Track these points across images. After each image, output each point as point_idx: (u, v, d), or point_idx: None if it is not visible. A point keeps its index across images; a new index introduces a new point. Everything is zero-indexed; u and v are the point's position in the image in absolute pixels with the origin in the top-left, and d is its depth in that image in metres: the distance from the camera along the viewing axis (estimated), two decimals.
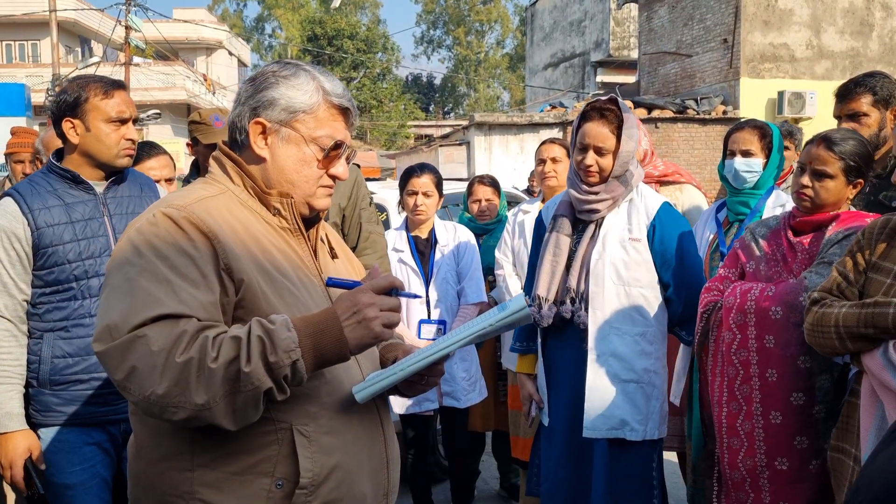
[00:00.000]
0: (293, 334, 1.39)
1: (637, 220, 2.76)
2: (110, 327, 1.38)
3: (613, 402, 2.71)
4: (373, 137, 36.40)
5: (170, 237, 1.43)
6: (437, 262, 3.72)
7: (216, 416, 1.36)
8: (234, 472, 1.45)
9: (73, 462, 2.35)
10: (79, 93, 2.39)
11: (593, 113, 2.73)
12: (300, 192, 1.60)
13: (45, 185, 2.40)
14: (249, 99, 1.58)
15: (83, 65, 22.68)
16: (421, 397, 3.56)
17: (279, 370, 1.37)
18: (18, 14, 24.64)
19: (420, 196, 3.70)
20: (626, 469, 2.75)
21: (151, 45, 26.78)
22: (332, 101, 1.59)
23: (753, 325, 2.48)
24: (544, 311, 2.78)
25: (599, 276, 2.72)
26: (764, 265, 2.61)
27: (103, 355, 1.38)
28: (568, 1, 25.50)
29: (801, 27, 14.77)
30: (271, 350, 1.36)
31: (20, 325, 2.36)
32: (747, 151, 3.08)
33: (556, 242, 2.81)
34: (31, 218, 2.32)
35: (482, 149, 15.05)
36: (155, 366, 1.34)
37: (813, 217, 2.55)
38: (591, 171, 2.72)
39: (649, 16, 17.26)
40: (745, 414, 2.50)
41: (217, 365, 1.34)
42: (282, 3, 50.28)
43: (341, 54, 36.24)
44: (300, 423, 1.47)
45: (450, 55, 53.97)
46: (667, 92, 16.48)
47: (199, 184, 1.61)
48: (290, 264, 1.56)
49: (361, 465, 1.56)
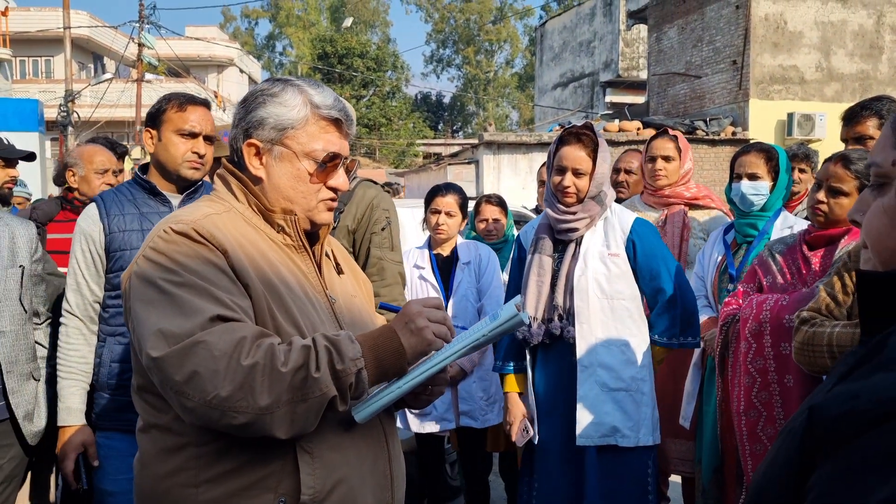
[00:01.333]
0: (357, 345, 1.43)
1: (614, 237, 2.90)
2: (164, 334, 1.37)
3: (604, 410, 2.81)
4: (381, 155, 36.53)
5: (191, 251, 1.44)
6: (457, 278, 3.74)
7: (275, 421, 1.36)
8: (238, 489, 1.45)
9: (119, 469, 2.39)
10: (160, 105, 2.55)
11: (570, 138, 2.88)
12: (300, 208, 1.60)
13: (127, 193, 2.54)
14: (241, 121, 1.60)
15: (95, 81, 22.91)
16: (437, 416, 3.56)
17: (346, 378, 1.40)
18: (33, 31, 24.94)
19: (443, 215, 3.74)
20: (621, 476, 2.83)
21: (164, 63, 27.03)
22: (321, 113, 1.58)
23: (769, 334, 2.56)
24: (534, 329, 2.89)
25: (584, 292, 2.85)
26: (780, 279, 2.68)
27: (161, 361, 1.36)
28: (578, 21, 25.65)
29: (810, 49, 14.81)
30: (338, 359, 1.39)
31: (90, 325, 2.48)
32: (754, 175, 3.09)
33: (540, 263, 2.93)
34: (107, 222, 2.46)
35: (491, 168, 15.09)
36: (218, 370, 1.34)
37: (826, 232, 2.62)
38: (569, 192, 2.86)
39: (659, 37, 17.33)
40: (765, 419, 2.57)
41: (287, 370, 1.36)
42: (293, 22, 50.74)
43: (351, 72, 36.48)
44: (303, 440, 1.46)
45: (459, 74, 54.31)
46: (676, 113, 16.52)
47: (205, 202, 1.61)
48: (295, 280, 1.56)
49: (365, 481, 1.55)
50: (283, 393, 1.35)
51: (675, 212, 3.67)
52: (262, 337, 1.40)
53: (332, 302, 1.62)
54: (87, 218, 2.50)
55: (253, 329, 1.40)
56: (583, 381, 2.81)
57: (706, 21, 15.65)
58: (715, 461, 3.04)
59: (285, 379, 1.35)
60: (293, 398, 1.36)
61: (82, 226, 2.49)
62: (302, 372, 1.36)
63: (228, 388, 1.33)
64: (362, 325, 1.67)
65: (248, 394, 1.34)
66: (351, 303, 1.70)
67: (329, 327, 1.57)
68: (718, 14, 15.31)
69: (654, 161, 3.72)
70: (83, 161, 3.39)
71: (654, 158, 3.72)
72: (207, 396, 1.34)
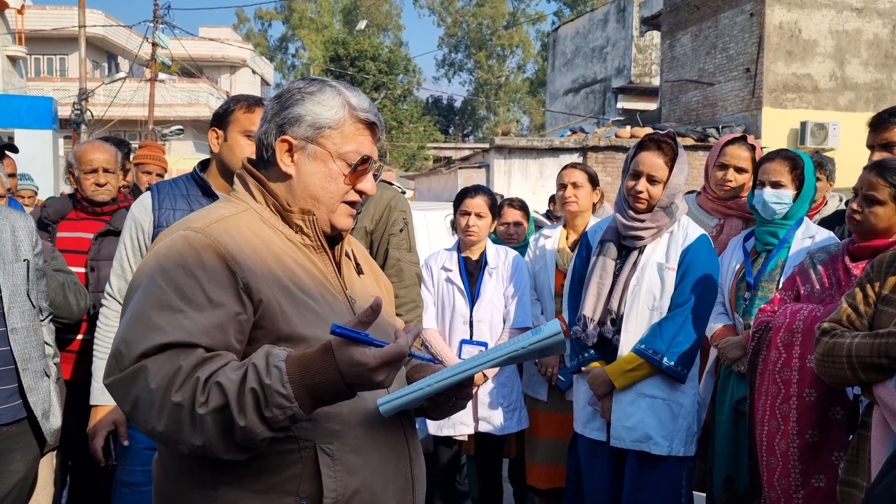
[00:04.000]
0: (287, 390, 1.30)
1: (674, 251, 2.95)
2: (116, 356, 1.40)
3: (639, 416, 2.88)
4: (392, 158, 36.57)
5: (180, 259, 1.43)
6: (484, 283, 3.69)
7: (217, 453, 1.34)
8: (257, 491, 1.43)
9: (135, 462, 2.45)
10: (228, 105, 2.55)
11: (651, 144, 2.93)
12: (324, 208, 1.58)
13: (183, 188, 2.55)
14: (276, 116, 1.58)
15: (109, 80, 23.02)
16: (455, 420, 3.53)
17: (276, 423, 1.32)
18: (48, 29, 25.10)
19: (473, 217, 3.69)
20: (654, 483, 2.88)
21: (177, 63, 27.15)
22: (359, 115, 1.58)
23: (799, 345, 2.54)
24: (590, 331, 2.99)
25: (636, 301, 2.93)
26: (819, 289, 2.66)
27: (110, 388, 1.40)
28: (590, 27, 25.63)
29: (824, 58, 14.74)
30: (265, 405, 1.30)
31: None
32: (777, 182, 3.05)
33: (603, 266, 3.01)
34: (157, 214, 2.48)
35: (502, 172, 15.07)
36: (153, 401, 1.34)
37: (871, 243, 2.58)
38: (641, 198, 2.91)
39: (672, 43, 17.29)
40: (781, 433, 2.55)
41: (206, 411, 1.31)
42: (306, 24, 50.89)
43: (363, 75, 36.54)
44: (324, 442, 1.45)
45: (471, 78, 54.32)
46: (688, 120, 16.46)
47: (222, 202, 1.61)
48: (313, 281, 1.54)
49: (387, 484, 1.53)
50: (212, 433, 1.32)
51: (732, 223, 3.44)
52: (201, 365, 1.35)
53: (351, 303, 1.60)
54: (140, 206, 2.53)
55: (192, 359, 1.35)
56: None
57: (720, 28, 15.60)
58: (725, 472, 3.00)
59: (206, 421, 1.31)
60: (223, 435, 1.32)
61: (134, 213, 2.53)
62: (225, 413, 1.30)
63: (163, 423, 1.34)
64: (383, 327, 1.63)
65: (180, 431, 1.33)
66: None
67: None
68: (732, 21, 15.25)
69: (724, 169, 3.41)
70: (76, 160, 3.39)
71: (725, 167, 3.41)
72: (148, 426, 1.36)
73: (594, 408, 3.02)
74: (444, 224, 4.99)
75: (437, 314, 3.72)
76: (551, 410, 3.70)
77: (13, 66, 22.23)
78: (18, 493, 2.50)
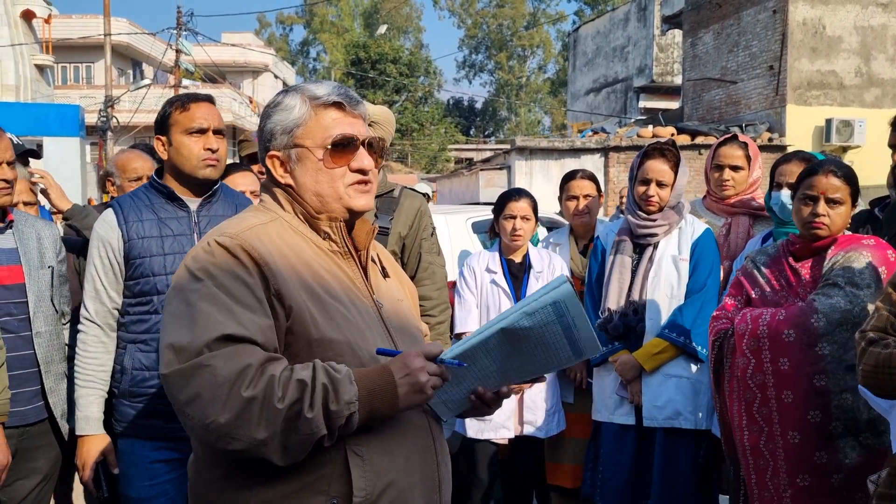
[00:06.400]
0: (354, 388, 1.44)
1: (686, 243, 3.29)
2: (175, 349, 1.43)
3: (668, 395, 3.18)
4: (413, 160, 36.67)
5: (225, 265, 1.48)
6: (530, 286, 3.64)
7: (269, 451, 1.41)
8: (290, 491, 1.48)
9: (143, 476, 2.40)
10: (164, 110, 2.50)
11: (655, 152, 3.29)
12: (331, 199, 1.61)
13: (145, 198, 2.48)
14: (260, 141, 1.66)
15: (134, 87, 23.32)
16: (497, 423, 3.50)
17: (337, 419, 1.42)
18: (75, 38, 25.49)
19: (519, 220, 3.62)
20: (682, 455, 3.18)
21: (200, 68, 27.44)
22: (321, 101, 1.62)
23: (767, 349, 2.56)
24: (615, 322, 3.25)
25: (656, 292, 3.25)
26: (770, 291, 2.70)
27: (167, 378, 1.43)
28: (611, 26, 25.51)
29: (850, 54, 14.55)
30: (333, 399, 1.42)
31: (109, 333, 2.44)
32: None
33: (622, 262, 3.32)
34: (125, 229, 2.41)
35: (523, 173, 15.05)
36: (218, 396, 1.38)
37: (814, 243, 2.62)
38: (653, 201, 3.26)
39: (694, 42, 17.17)
40: (767, 435, 2.57)
41: (283, 406, 1.39)
42: (327, 28, 51.20)
43: (384, 78, 36.69)
44: (353, 443, 1.49)
45: (491, 79, 54.30)
46: (711, 118, 16.33)
47: (251, 211, 1.66)
48: (342, 287, 1.58)
49: (414, 483, 1.57)
50: (278, 426, 1.39)
51: (739, 221, 3.48)
52: (268, 363, 1.42)
53: (379, 307, 1.64)
54: (104, 224, 2.44)
55: (259, 356, 1.42)
56: None
57: (742, 26, 15.46)
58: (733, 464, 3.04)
59: (280, 414, 1.39)
60: (286, 429, 1.40)
61: (100, 232, 2.43)
62: (297, 406, 1.40)
63: (226, 416, 1.38)
64: (409, 330, 1.70)
65: (245, 424, 1.38)
66: (398, 307, 1.71)
67: (376, 333, 1.59)
68: (755, 19, 15.11)
69: (720, 170, 3.49)
70: (118, 169, 3.45)
71: (720, 167, 3.49)
72: (206, 420, 1.39)
73: (621, 395, 3.27)
74: (465, 228, 4.96)
75: (481, 317, 3.65)
76: (577, 411, 3.71)
77: (41, 75, 22.61)
78: (41, 490, 2.58)
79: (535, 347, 1.58)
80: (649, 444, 3.24)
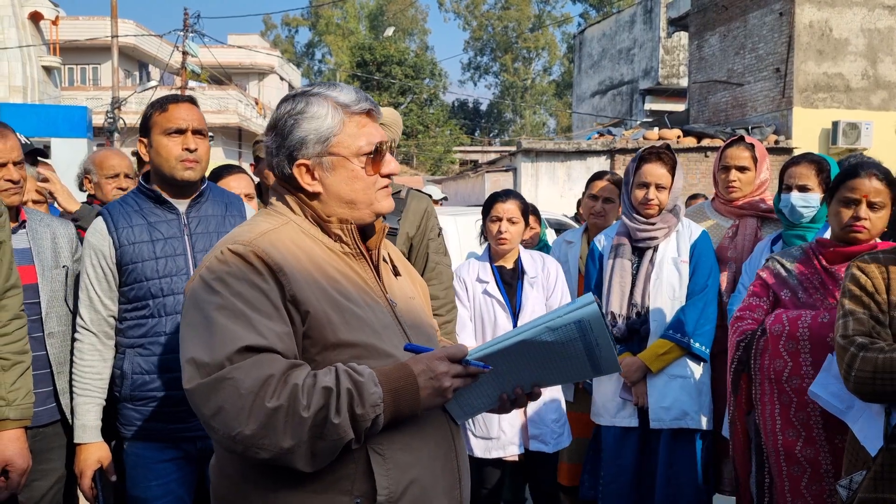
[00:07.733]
0: (379, 390, 1.45)
1: (684, 245, 3.31)
2: (197, 364, 1.43)
3: (673, 395, 3.18)
4: (419, 162, 36.68)
5: (240, 273, 1.48)
6: (525, 294, 3.45)
7: (297, 459, 1.42)
8: (314, 491, 1.49)
9: (149, 477, 2.41)
10: (145, 113, 2.49)
11: (651, 157, 3.29)
12: (364, 205, 1.62)
13: (133, 204, 2.47)
14: (280, 149, 1.60)
15: (141, 88, 23.42)
16: (506, 441, 3.36)
17: (363, 423, 1.43)
18: (82, 39, 25.58)
19: (504, 222, 3.41)
20: (685, 455, 3.19)
21: (206, 70, 27.51)
22: (353, 110, 1.61)
23: (808, 353, 2.49)
24: (619, 325, 3.26)
25: (658, 293, 3.26)
26: (802, 293, 2.63)
27: (191, 393, 1.44)
28: (617, 29, 25.51)
29: (856, 57, 14.53)
30: (358, 403, 1.43)
31: (105, 340, 2.44)
32: (804, 186, 3.04)
33: (622, 266, 3.30)
34: (116, 235, 2.40)
35: (529, 175, 15.06)
36: (243, 408, 1.39)
37: (849, 248, 2.55)
38: (652, 205, 3.26)
39: (700, 44, 17.15)
40: (804, 440, 2.50)
41: (308, 414, 1.40)
42: (332, 30, 51.29)
43: (389, 80, 36.70)
44: (374, 443, 1.50)
45: (496, 81, 54.32)
46: (717, 121, 16.32)
47: (262, 216, 1.65)
48: (355, 288, 1.59)
49: (436, 480, 1.58)
50: (304, 434, 1.40)
51: (747, 223, 3.44)
52: (291, 371, 1.43)
53: (392, 306, 1.65)
54: (95, 233, 2.43)
55: (281, 365, 1.42)
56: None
57: (749, 28, 15.45)
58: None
59: (306, 422, 1.40)
60: (312, 436, 1.41)
61: (91, 241, 2.42)
62: (322, 413, 1.41)
63: (252, 427, 1.38)
64: (423, 327, 1.71)
65: (271, 434, 1.39)
66: (410, 305, 1.72)
67: (391, 332, 1.60)
68: (761, 21, 15.10)
69: (727, 171, 3.45)
70: (95, 167, 3.43)
71: (727, 168, 3.45)
72: (232, 432, 1.39)
73: (625, 398, 3.25)
74: (475, 229, 4.96)
75: (476, 330, 3.44)
76: (577, 411, 3.70)
77: (48, 76, 22.71)
78: (57, 490, 2.57)
79: (554, 360, 1.59)
80: (652, 447, 3.24)
